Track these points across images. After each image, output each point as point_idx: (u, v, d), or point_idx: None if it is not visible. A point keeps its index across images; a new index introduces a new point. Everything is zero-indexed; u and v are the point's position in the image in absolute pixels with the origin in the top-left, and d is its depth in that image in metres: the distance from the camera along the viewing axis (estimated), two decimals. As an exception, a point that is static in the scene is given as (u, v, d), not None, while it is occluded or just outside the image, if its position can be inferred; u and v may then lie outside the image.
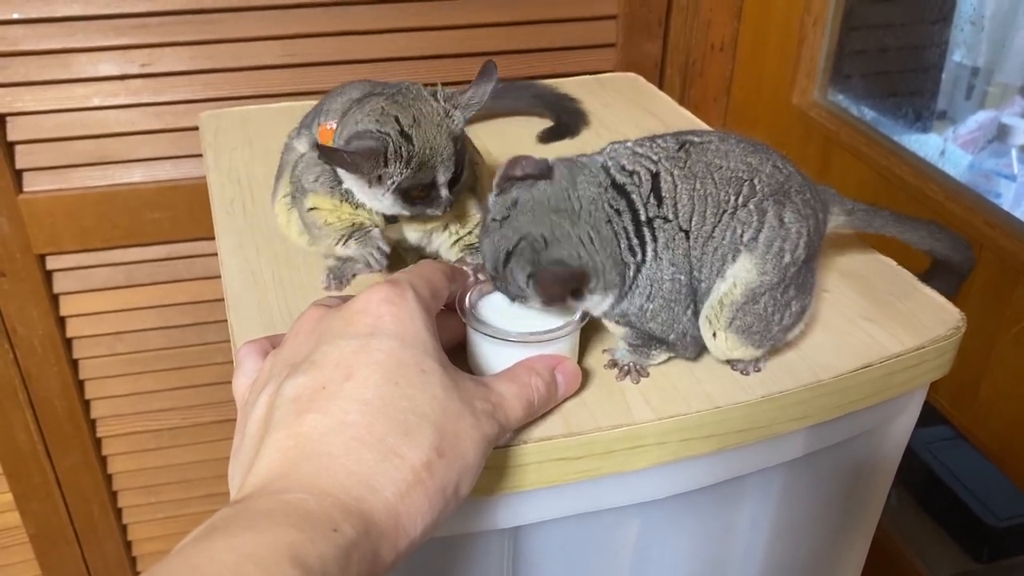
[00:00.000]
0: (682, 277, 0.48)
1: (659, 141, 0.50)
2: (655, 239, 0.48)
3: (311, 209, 0.56)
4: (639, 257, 0.48)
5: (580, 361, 0.51)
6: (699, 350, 0.51)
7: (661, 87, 1.14)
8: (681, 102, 0.99)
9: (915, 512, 1.15)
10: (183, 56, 1.02)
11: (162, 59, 1.01)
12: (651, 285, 0.48)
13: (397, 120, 0.50)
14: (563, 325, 0.48)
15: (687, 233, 0.48)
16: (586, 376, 0.50)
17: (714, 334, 0.49)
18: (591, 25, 1.12)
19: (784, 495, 0.58)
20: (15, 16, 0.95)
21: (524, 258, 0.46)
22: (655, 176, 0.48)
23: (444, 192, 0.53)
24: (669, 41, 1.16)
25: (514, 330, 0.47)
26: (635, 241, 0.48)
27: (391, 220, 0.56)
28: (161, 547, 1.35)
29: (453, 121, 0.52)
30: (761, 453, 0.53)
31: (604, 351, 0.53)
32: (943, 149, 1.07)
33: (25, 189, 1.04)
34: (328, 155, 0.50)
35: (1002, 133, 1.04)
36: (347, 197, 0.55)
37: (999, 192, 1.02)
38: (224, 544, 0.31)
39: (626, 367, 0.51)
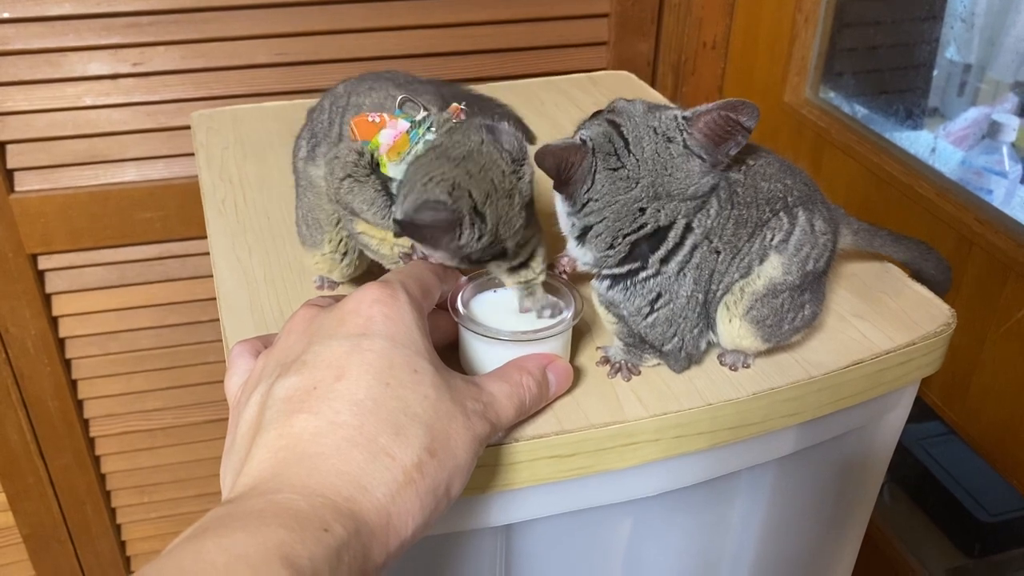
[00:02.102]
0: (700, 296, 0.49)
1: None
2: (690, 256, 0.48)
3: (362, 232, 0.52)
4: (658, 257, 0.48)
5: (572, 360, 0.51)
6: (688, 365, 0.52)
7: (653, 85, 1.15)
8: (673, 100, 0.99)
9: (907, 507, 1.15)
10: (175, 55, 1.02)
11: (154, 58, 1.01)
12: (661, 295, 0.48)
13: (470, 195, 0.45)
14: (555, 324, 0.48)
15: (719, 254, 0.48)
16: (578, 374, 0.50)
17: (729, 320, 0.50)
18: (584, 23, 1.12)
19: (776, 491, 0.58)
20: (5, 15, 0.95)
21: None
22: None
23: (510, 251, 0.49)
24: (661, 39, 1.16)
25: (506, 329, 0.47)
26: (671, 242, 0.47)
27: None
28: (155, 547, 1.34)
29: (523, 186, 0.48)
30: (753, 450, 0.53)
31: (597, 348, 0.53)
32: (934, 146, 1.07)
33: (16, 189, 1.03)
34: (406, 228, 0.46)
35: (993, 130, 1.04)
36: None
37: (990, 189, 1.02)
38: (214, 544, 0.31)
39: (617, 364, 0.51)
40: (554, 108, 0.89)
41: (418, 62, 1.07)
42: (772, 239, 0.49)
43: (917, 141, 1.08)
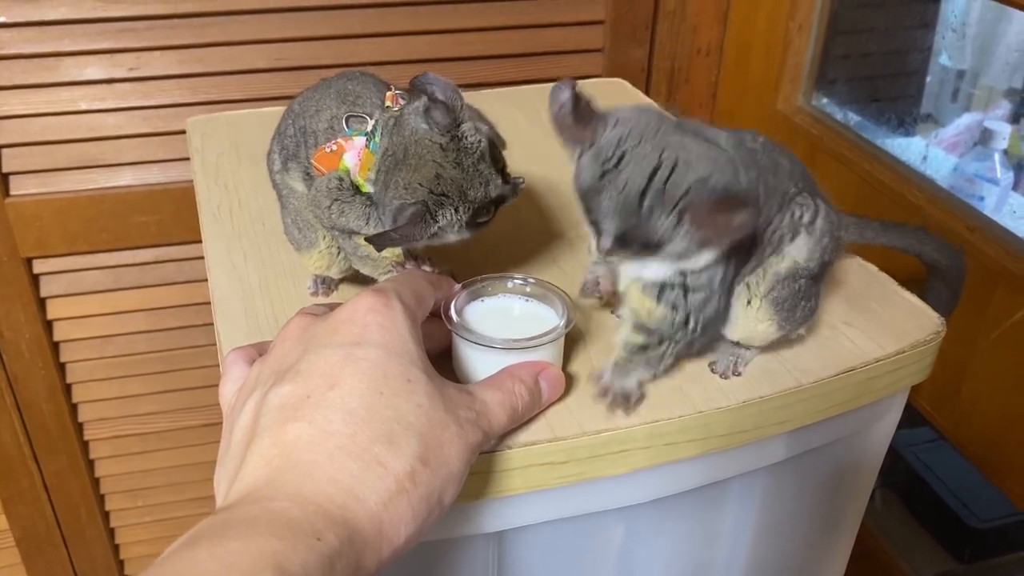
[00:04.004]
0: (735, 266, 0.48)
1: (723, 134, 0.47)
2: None
3: (363, 245, 0.54)
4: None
5: (564, 367, 0.52)
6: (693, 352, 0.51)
7: (647, 92, 1.15)
8: (667, 107, 0.99)
9: (898, 513, 1.16)
10: (171, 60, 1.02)
11: (150, 63, 1.01)
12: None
13: (422, 185, 0.48)
14: (548, 332, 0.48)
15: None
16: (570, 382, 0.51)
17: (749, 302, 0.50)
18: (578, 30, 1.13)
19: (767, 498, 0.58)
20: (1, 20, 0.95)
21: (664, 192, 0.40)
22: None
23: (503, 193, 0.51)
24: (655, 46, 1.16)
25: (499, 337, 0.47)
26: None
27: None
28: (148, 551, 1.34)
29: (468, 144, 0.49)
30: (744, 457, 0.53)
31: (589, 376, 0.51)
32: (925, 154, 1.08)
33: (12, 193, 1.03)
34: (382, 241, 0.48)
35: (985, 137, 1.05)
36: None
37: (982, 196, 1.03)
38: (208, 553, 0.31)
39: (610, 390, 0.49)
40: (549, 114, 0.89)
41: (414, 68, 1.07)
42: (801, 217, 0.48)
43: (909, 148, 1.09)
